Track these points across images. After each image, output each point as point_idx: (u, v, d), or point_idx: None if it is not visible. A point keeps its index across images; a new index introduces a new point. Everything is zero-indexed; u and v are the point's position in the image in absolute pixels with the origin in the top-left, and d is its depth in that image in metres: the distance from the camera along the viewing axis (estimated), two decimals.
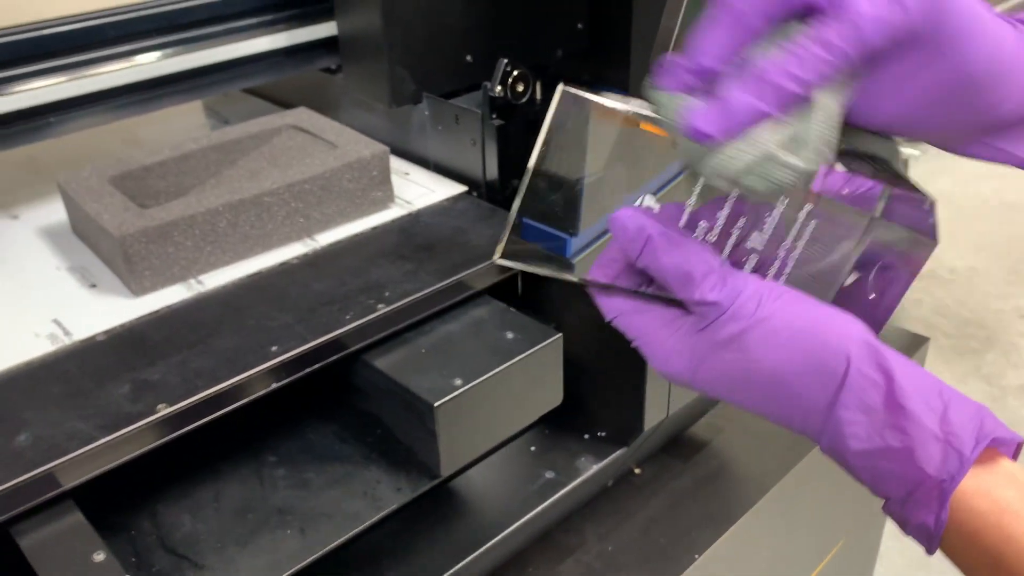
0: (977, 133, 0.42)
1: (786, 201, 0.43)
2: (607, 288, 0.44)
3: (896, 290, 0.45)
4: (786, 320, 0.40)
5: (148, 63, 0.81)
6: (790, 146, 0.37)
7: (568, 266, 0.46)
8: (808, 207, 0.43)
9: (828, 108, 0.37)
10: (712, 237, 0.44)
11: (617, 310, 0.44)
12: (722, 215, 0.43)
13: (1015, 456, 0.39)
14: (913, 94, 0.39)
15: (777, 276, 0.44)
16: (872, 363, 0.38)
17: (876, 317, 0.45)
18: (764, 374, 0.40)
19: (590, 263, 0.45)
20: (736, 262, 0.44)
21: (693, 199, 0.43)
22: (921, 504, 0.37)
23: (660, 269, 0.41)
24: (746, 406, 0.42)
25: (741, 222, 0.43)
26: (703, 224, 0.44)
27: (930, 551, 0.38)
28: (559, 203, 0.45)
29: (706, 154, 0.38)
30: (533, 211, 0.45)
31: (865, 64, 0.37)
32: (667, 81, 0.39)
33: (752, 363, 0.40)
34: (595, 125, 0.44)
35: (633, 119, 0.43)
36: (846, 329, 0.40)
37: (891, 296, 0.45)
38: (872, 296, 0.44)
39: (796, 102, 0.37)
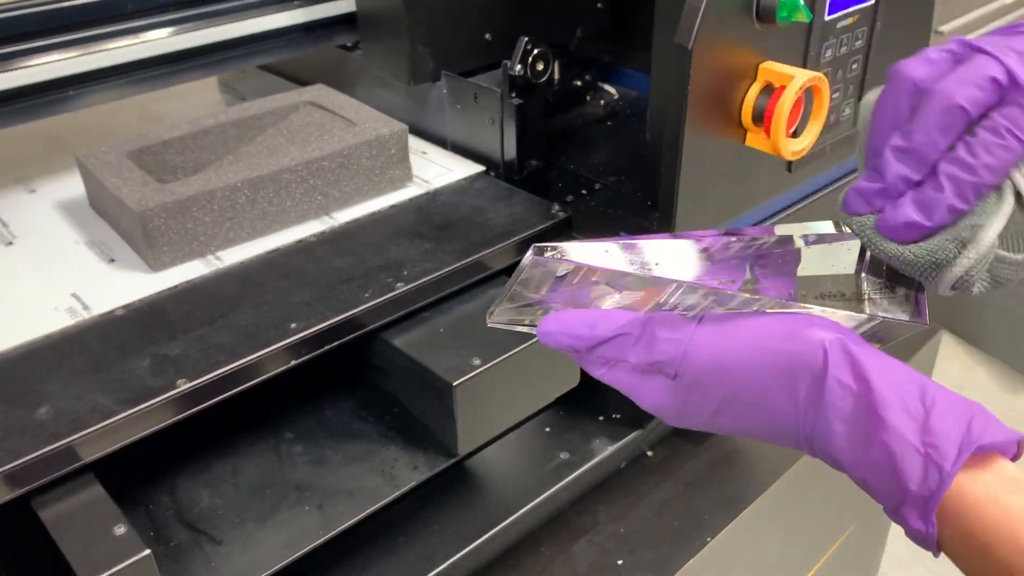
0: None
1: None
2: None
3: None
4: (748, 343, 0.39)
5: (166, 38, 0.81)
6: (1007, 243, 0.37)
7: None
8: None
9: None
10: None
11: (600, 371, 0.44)
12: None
13: (1015, 455, 0.37)
14: None
15: None
16: (848, 371, 0.37)
17: None
18: (740, 402, 0.40)
19: None
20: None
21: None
22: (910, 517, 0.36)
23: (596, 361, 0.43)
24: (739, 433, 0.42)
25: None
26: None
27: (935, 554, 0.37)
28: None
29: (927, 266, 0.38)
30: None
31: None
32: (858, 207, 0.40)
33: (726, 394, 0.40)
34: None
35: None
36: (816, 335, 0.38)
37: None
38: None
39: (988, 190, 0.37)
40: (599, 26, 0.93)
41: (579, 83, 0.98)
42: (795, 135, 0.67)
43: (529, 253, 0.44)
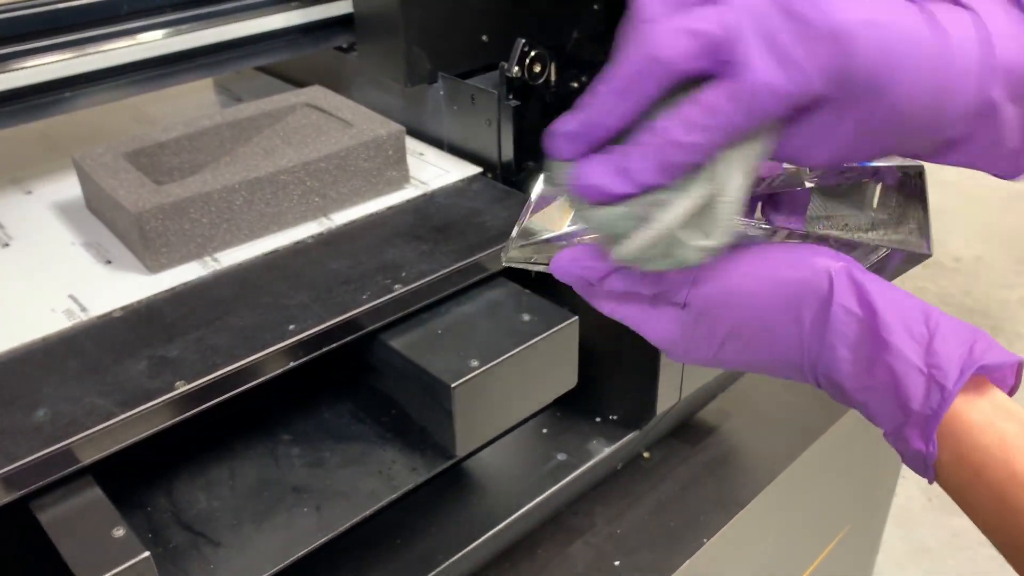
0: (928, 155, 0.39)
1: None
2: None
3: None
4: (756, 271, 0.39)
5: (162, 39, 0.81)
6: (695, 223, 0.35)
7: None
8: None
9: (734, 173, 0.35)
10: None
11: (610, 306, 0.44)
12: None
13: (1015, 377, 0.38)
14: (842, 141, 0.36)
15: None
16: (853, 297, 0.38)
17: None
18: (747, 331, 0.40)
19: None
20: None
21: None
22: (912, 437, 0.37)
23: (607, 293, 0.43)
24: (745, 365, 0.42)
25: None
26: None
27: (929, 480, 0.38)
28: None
29: (612, 238, 0.37)
30: None
31: (772, 124, 0.35)
32: (563, 151, 0.37)
33: (733, 323, 0.40)
34: None
35: None
36: (822, 263, 0.38)
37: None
38: None
39: (688, 169, 0.35)
40: (596, 27, 0.93)
41: (576, 84, 0.98)
42: None
43: (539, 181, 0.43)
